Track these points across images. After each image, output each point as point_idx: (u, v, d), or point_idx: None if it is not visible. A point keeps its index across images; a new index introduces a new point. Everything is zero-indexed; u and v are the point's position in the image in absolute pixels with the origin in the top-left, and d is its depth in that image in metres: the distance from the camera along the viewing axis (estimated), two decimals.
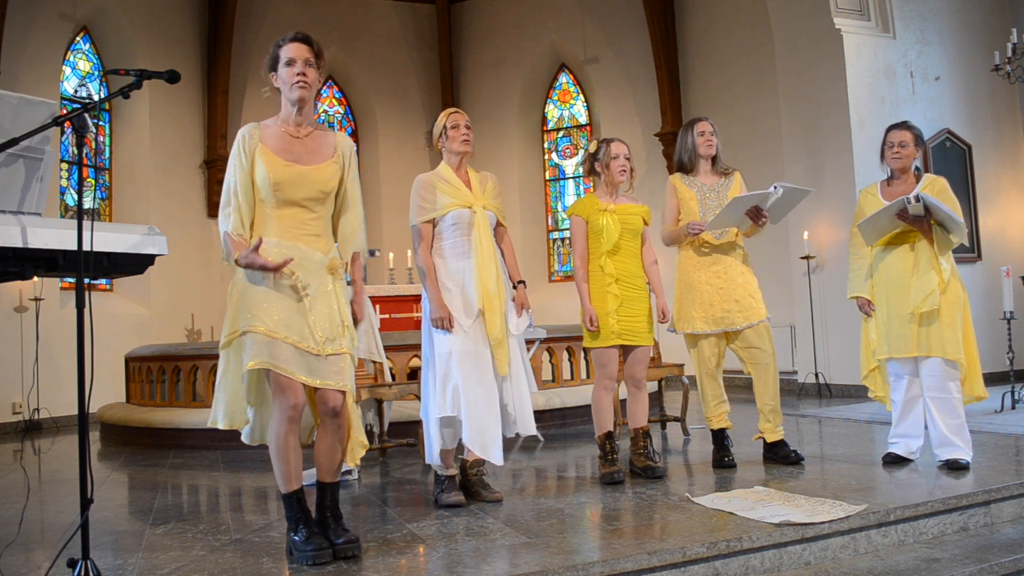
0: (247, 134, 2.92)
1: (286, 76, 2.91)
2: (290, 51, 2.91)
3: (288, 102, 2.95)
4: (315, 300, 2.85)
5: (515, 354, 3.77)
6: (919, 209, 3.94)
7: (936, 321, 3.99)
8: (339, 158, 3.00)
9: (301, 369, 2.78)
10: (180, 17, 10.79)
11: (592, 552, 2.82)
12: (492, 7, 12.33)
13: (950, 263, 4.06)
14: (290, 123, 2.97)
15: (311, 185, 2.90)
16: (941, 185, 4.12)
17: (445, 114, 3.91)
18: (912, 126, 4.23)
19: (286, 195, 2.87)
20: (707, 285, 4.33)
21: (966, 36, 8.82)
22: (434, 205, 3.74)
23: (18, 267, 2.67)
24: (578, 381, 6.96)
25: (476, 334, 3.65)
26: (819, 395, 8.28)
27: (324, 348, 2.81)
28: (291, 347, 2.77)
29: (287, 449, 2.85)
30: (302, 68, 2.89)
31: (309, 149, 2.96)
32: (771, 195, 4.19)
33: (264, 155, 2.88)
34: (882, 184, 4.28)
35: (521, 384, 3.77)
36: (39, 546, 3.28)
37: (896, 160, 4.18)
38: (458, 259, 3.73)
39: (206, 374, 6.57)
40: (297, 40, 2.93)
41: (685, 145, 4.49)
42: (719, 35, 10.64)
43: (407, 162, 11.81)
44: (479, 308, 3.65)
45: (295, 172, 2.88)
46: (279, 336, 2.76)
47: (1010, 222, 8.96)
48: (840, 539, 3.05)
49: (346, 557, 2.82)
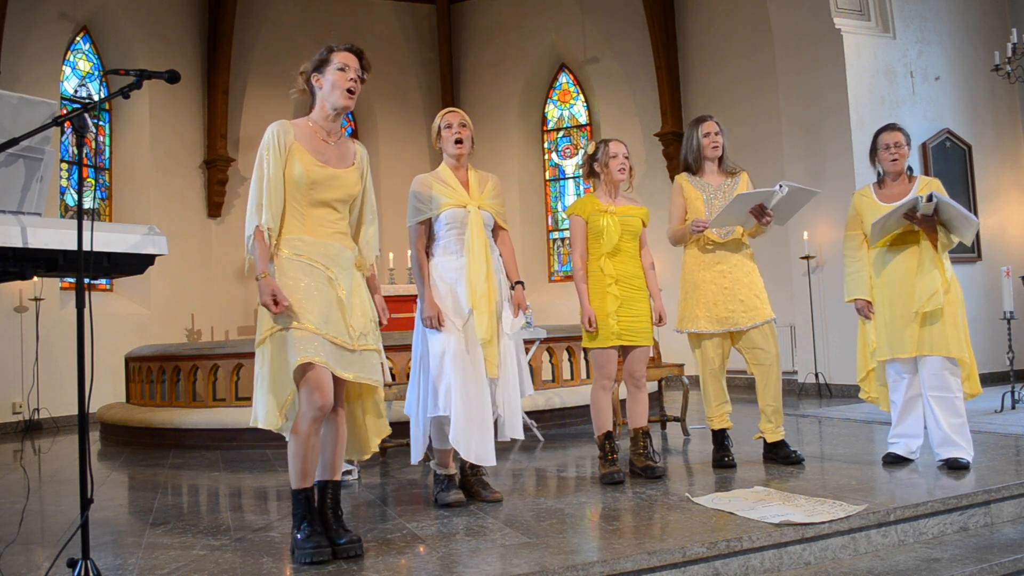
0: (281, 129, 2.95)
1: (336, 79, 2.97)
2: (345, 58, 3.00)
3: (329, 105, 3.02)
4: (351, 296, 2.94)
5: (508, 355, 3.74)
6: (930, 209, 3.95)
7: (939, 320, 3.99)
8: (359, 165, 3.10)
9: (339, 364, 2.85)
10: (180, 17, 10.79)
11: (592, 552, 2.82)
12: (492, 7, 12.33)
13: (948, 262, 4.09)
14: (323, 128, 3.04)
15: (341, 188, 2.99)
16: (937, 187, 4.13)
17: (440, 114, 3.91)
18: (901, 127, 4.25)
19: (319, 195, 2.94)
20: (712, 285, 4.32)
21: (966, 36, 8.82)
22: (429, 206, 3.74)
23: (18, 267, 2.66)
24: (578, 381, 6.96)
25: (469, 334, 3.65)
26: (819, 395, 8.28)
27: (357, 343, 2.90)
28: (330, 343, 2.83)
29: (309, 448, 2.87)
30: (354, 76, 2.99)
31: (337, 154, 3.04)
32: (776, 193, 4.16)
33: (300, 153, 2.94)
34: (874, 186, 4.29)
35: (511, 386, 3.74)
36: (39, 546, 3.28)
37: (895, 162, 4.18)
38: (451, 259, 3.72)
39: (206, 374, 6.57)
40: (352, 52, 3.02)
41: (690, 146, 4.46)
42: (719, 35, 10.64)
43: (407, 162, 11.81)
44: (469, 308, 3.65)
45: (328, 173, 2.96)
46: (321, 332, 2.82)
47: (1010, 222, 8.96)
48: (840, 539, 3.04)
49: (347, 557, 2.83)
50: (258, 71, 11.23)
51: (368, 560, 2.82)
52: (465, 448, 3.55)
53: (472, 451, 3.56)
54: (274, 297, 2.78)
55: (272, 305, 2.78)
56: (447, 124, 3.82)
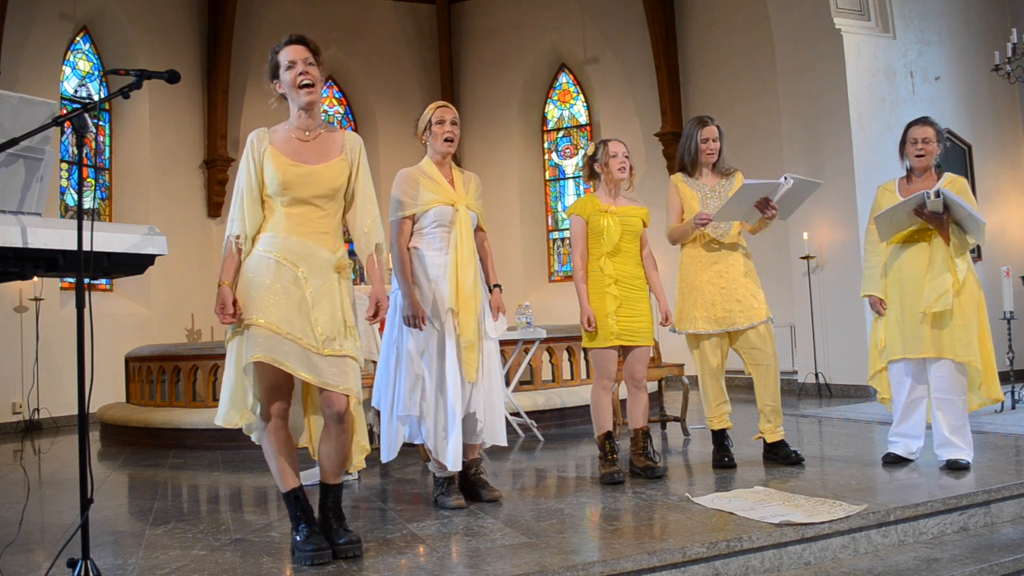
0: (257, 138, 2.94)
1: (290, 80, 2.90)
2: (289, 54, 2.91)
3: (296, 106, 2.96)
4: (318, 297, 2.84)
5: (490, 359, 3.69)
6: (938, 205, 3.85)
7: (949, 323, 3.93)
8: (347, 155, 3.00)
9: (303, 366, 2.77)
10: (180, 17, 10.79)
11: (592, 552, 2.82)
12: (492, 7, 12.32)
13: (966, 263, 3.98)
14: (300, 127, 2.98)
15: (320, 183, 2.91)
16: (961, 185, 4.05)
17: (432, 107, 3.81)
18: (934, 122, 4.15)
19: (296, 194, 2.88)
20: (709, 285, 4.31)
21: (966, 36, 8.82)
22: (416, 201, 3.66)
23: (18, 267, 2.66)
24: (578, 381, 6.96)
25: (447, 334, 3.58)
26: (819, 395, 8.28)
27: (323, 347, 2.80)
28: (294, 343, 2.77)
29: (274, 444, 2.87)
30: (304, 68, 2.89)
31: (317, 150, 2.97)
32: (782, 186, 4.12)
33: (273, 156, 2.90)
34: (901, 181, 4.22)
35: (494, 391, 3.69)
36: (39, 546, 3.28)
37: (920, 158, 4.10)
38: (436, 254, 3.65)
39: (206, 374, 6.58)
40: (293, 43, 2.93)
41: (688, 147, 4.44)
42: (719, 35, 10.64)
43: (407, 162, 11.62)
44: (450, 307, 3.57)
45: (303, 171, 2.89)
46: (281, 331, 2.76)
47: (1010, 222, 8.96)
48: (840, 539, 3.04)
49: (347, 557, 2.82)
50: (258, 71, 11.12)
51: (368, 560, 2.82)
52: (438, 451, 3.54)
53: (445, 453, 3.54)
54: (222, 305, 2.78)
55: (220, 313, 2.79)
56: (439, 120, 3.74)
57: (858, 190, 7.90)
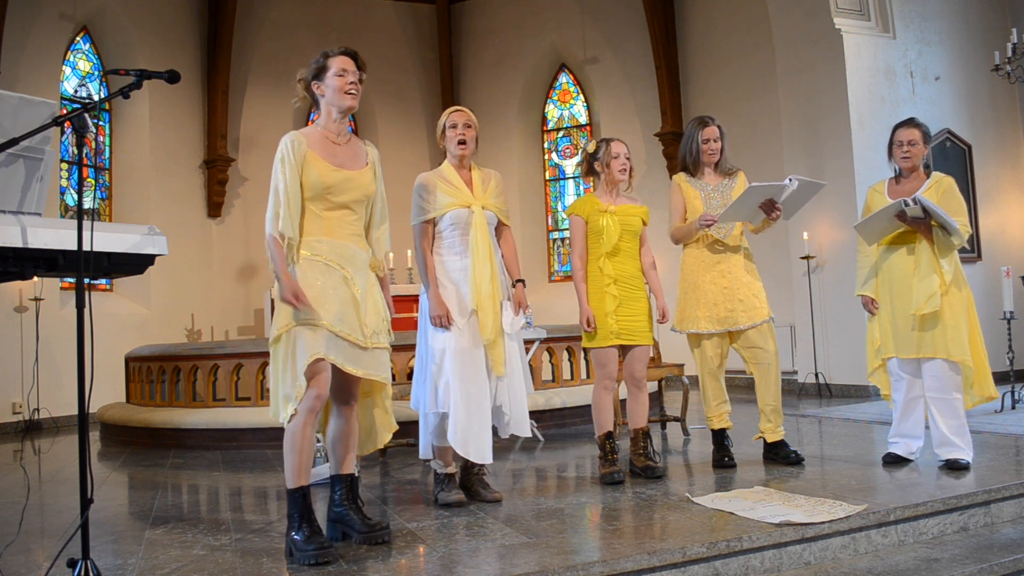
0: (295, 141, 3.02)
1: (338, 85, 3.06)
2: (341, 62, 3.08)
3: (335, 109, 3.11)
4: (365, 295, 3.02)
5: (513, 353, 3.77)
6: (917, 211, 3.92)
7: (939, 323, 3.97)
8: (372, 166, 3.18)
9: (350, 361, 2.94)
10: (180, 17, 10.79)
11: (592, 552, 2.82)
12: (492, 7, 12.32)
13: (953, 264, 4.02)
14: (332, 130, 3.12)
15: (357, 189, 3.07)
16: (948, 184, 4.09)
17: (446, 112, 3.91)
18: (920, 123, 4.19)
19: (336, 198, 3.03)
20: (712, 285, 4.32)
21: (966, 36, 8.82)
22: (433, 205, 3.75)
23: (18, 267, 2.66)
24: (578, 381, 6.96)
25: (470, 333, 3.67)
26: (819, 395, 8.28)
27: (369, 341, 2.98)
28: (344, 340, 2.92)
29: (303, 440, 2.90)
30: (353, 78, 3.08)
31: (350, 155, 3.14)
32: (786, 187, 4.15)
33: (314, 161, 3.02)
34: (890, 182, 4.25)
35: (518, 384, 3.76)
36: (39, 546, 3.28)
37: (906, 160, 4.14)
38: (455, 258, 3.75)
39: (206, 374, 6.58)
40: (347, 54, 3.10)
41: (689, 147, 4.45)
42: (719, 35, 10.64)
43: (407, 162, 11.80)
44: (472, 308, 3.67)
45: (343, 176, 3.04)
46: (334, 329, 2.90)
47: (1010, 222, 8.96)
48: (840, 539, 3.05)
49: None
50: (258, 71, 11.22)
51: (368, 560, 2.82)
52: (463, 446, 3.56)
53: (470, 449, 3.57)
54: (295, 294, 2.85)
55: (294, 300, 2.85)
56: (452, 124, 3.82)
57: (858, 190, 7.89)
